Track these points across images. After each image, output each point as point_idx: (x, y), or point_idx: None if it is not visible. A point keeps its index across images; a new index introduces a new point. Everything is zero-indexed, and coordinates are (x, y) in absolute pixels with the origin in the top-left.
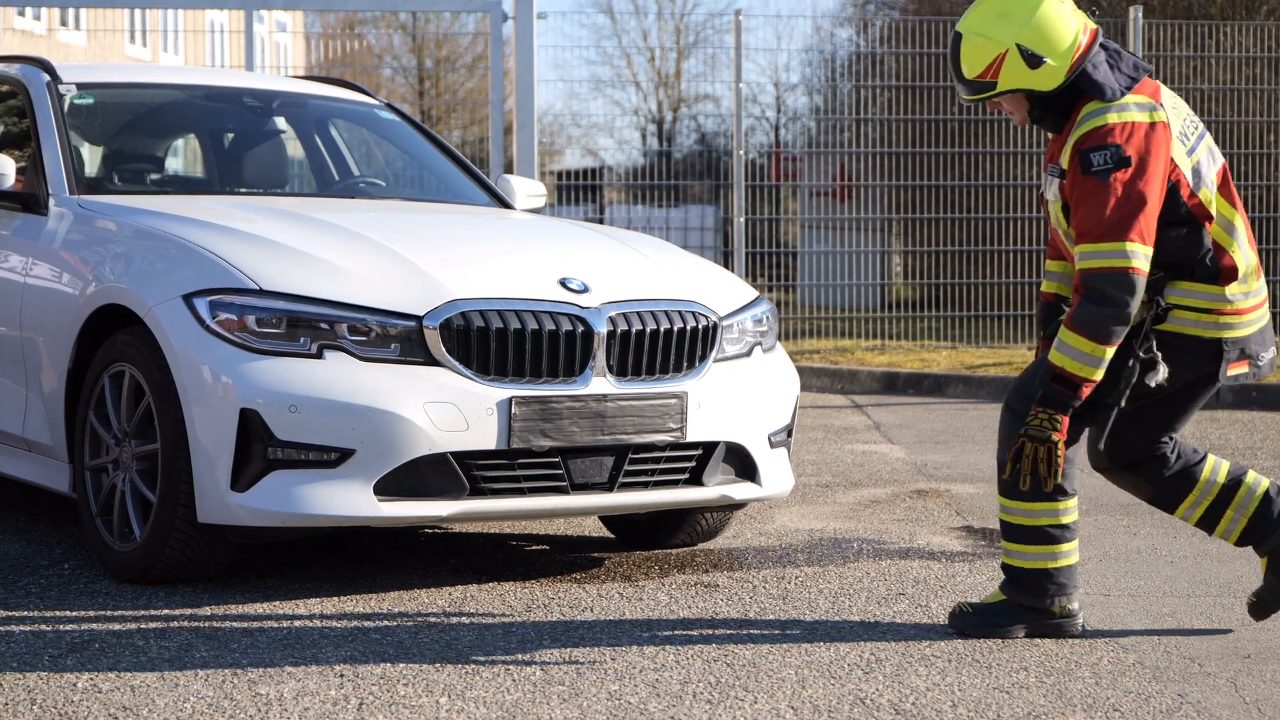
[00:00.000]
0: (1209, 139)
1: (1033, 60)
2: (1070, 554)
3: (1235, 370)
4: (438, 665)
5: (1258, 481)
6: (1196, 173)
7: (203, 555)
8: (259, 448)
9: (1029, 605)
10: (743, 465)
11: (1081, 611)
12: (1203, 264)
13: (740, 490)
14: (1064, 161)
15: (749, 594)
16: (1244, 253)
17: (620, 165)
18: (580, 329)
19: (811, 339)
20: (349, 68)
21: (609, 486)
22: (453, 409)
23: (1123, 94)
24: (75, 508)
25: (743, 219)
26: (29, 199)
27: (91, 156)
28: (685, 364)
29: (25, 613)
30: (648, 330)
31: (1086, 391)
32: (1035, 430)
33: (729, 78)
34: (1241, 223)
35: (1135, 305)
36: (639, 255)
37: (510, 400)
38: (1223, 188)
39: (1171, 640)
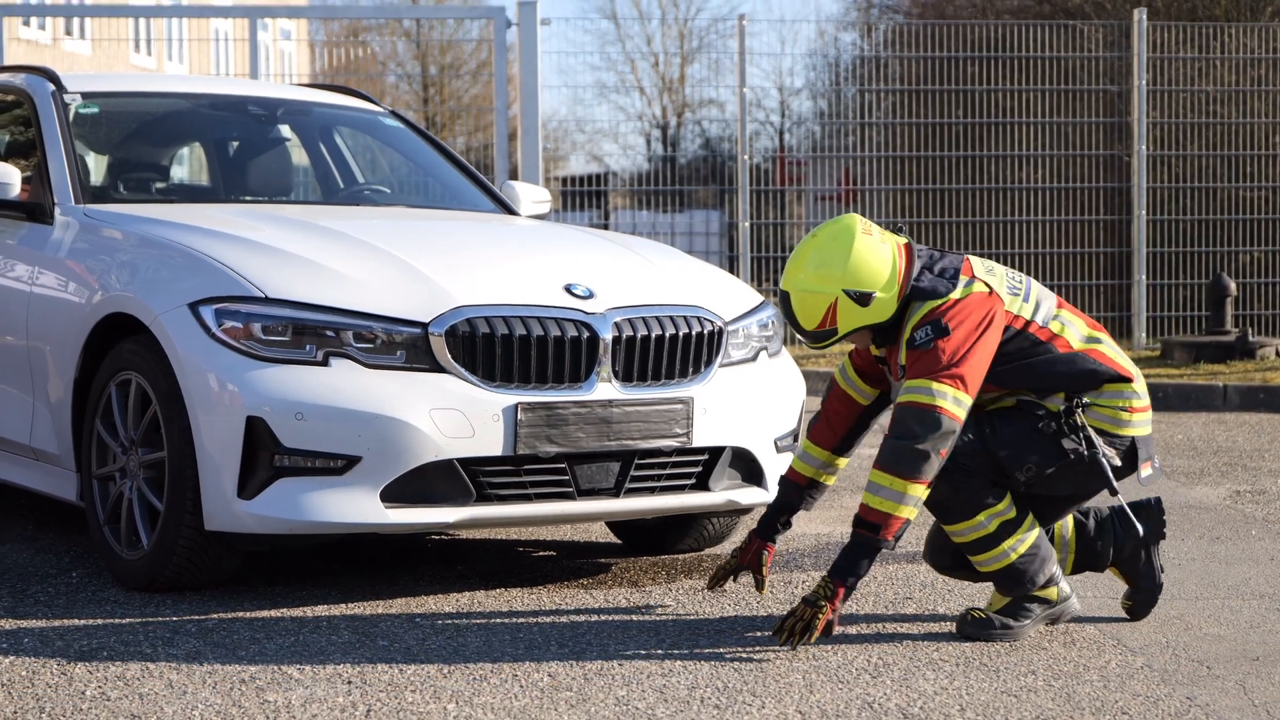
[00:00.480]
0: (1035, 282)
1: (863, 299)
2: (1027, 536)
3: (1146, 471)
4: (445, 671)
5: (1064, 524)
6: (1037, 309)
7: (210, 563)
8: (265, 455)
9: (1027, 594)
10: (749, 470)
11: (1074, 594)
12: (1096, 374)
13: (747, 495)
14: (903, 359)
15: (756, 599)
16: (1123, 356)
17: (625, 171)
18: (586, 335)
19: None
20: (353, 75)
21: (615, 492)
22: (459, 415)
23: (947, 290)
24: (83, 516)
25: (748, 224)
26: (34, 208)
27: (97, 165)
28: (691, 369)
29: (33, 621)
30: (653, 336)
31: (890, 535)
32: (812, 596)
33: (733, 82)
34: (1104, 334)
35: (937, 444)
36: (644, 261)
37: (516, 406)
38: (1059, 309)
39: (1179, 643)
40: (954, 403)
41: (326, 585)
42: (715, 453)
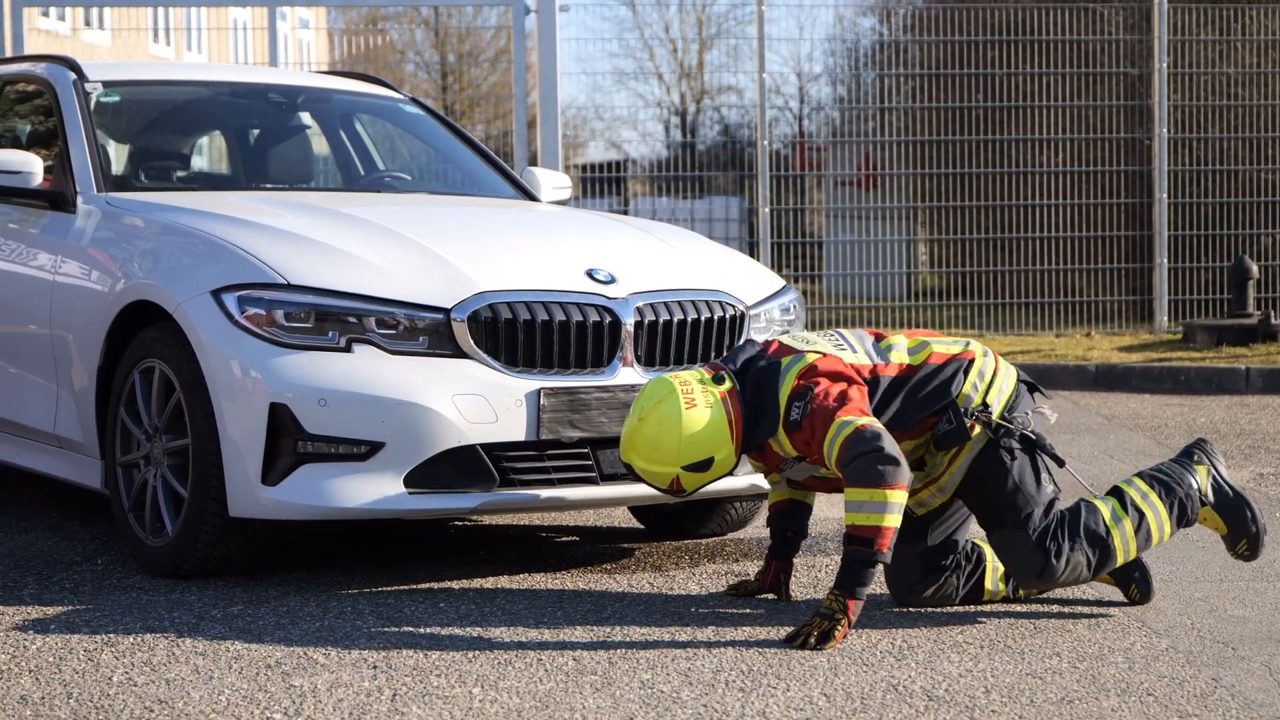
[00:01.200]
0: (844, 330)
1: (703, 466)
2: (1119, 525)
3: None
4: (470, 656)
5: None
6: (870, 354)
7: (234, 549)
8: (289, 442)
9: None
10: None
11: None
12: (957, 374)
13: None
14: (789, 449)
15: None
16: (954, 343)
17: (644, 158)
18: (608, 320)
19: (838, 328)
20: (371, 64)
21: (638, 477)
22: (481, 401)
23: (780, 382)
24: (107, 504)
25: (767, 209)
26: (57, 197)
27: (118, 154)
28: (713, 353)
29: (60, 608)
30: (675, 320)
31: (884, 545)
32: (825, 610)
33: (752, 68)
34: (927, 334)
35: (888, 448)
36: (665, 246)
37: (539, 392)
38: (879, 342)
39: (1205, 625)
40: (866, 419)
41: (351, 571)
42: None
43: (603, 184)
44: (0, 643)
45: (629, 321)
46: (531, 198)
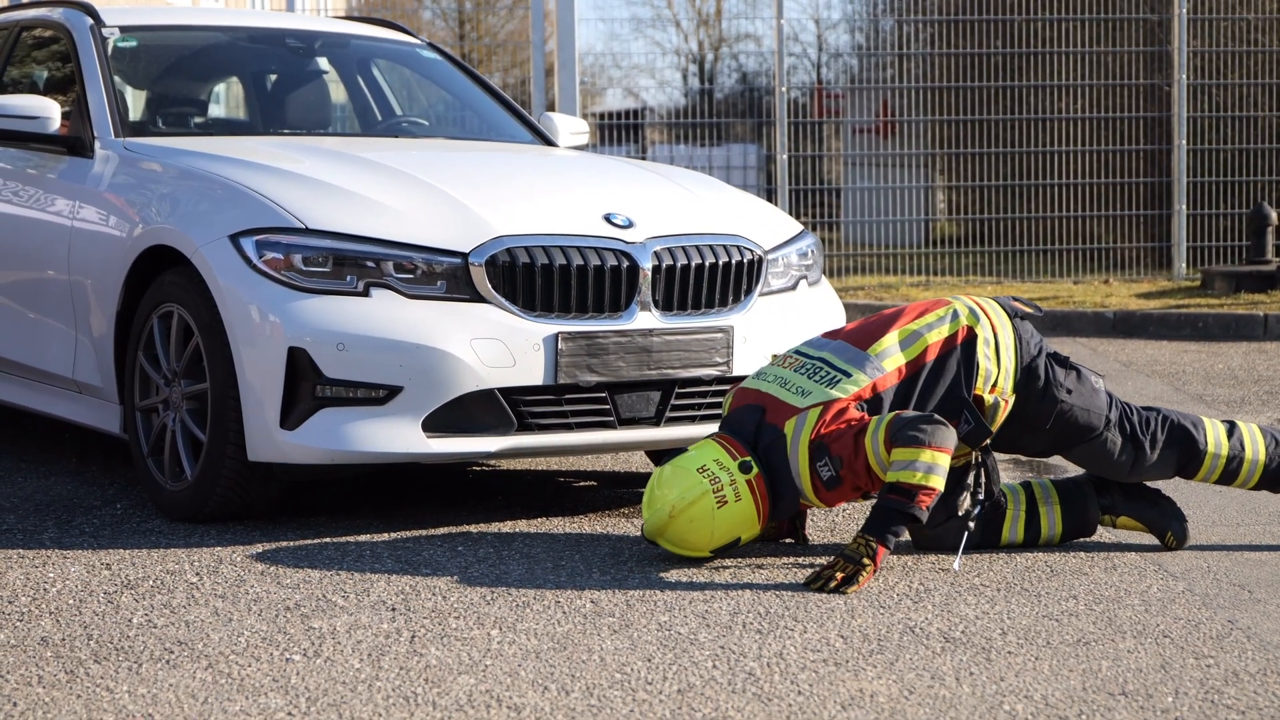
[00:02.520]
0: (828, 355)
1: (731, 545)
2: (1216, 435)
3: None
4: (488, 598)
5: (1043, 483)
6: (864, 372)
7: (253, 493)
8: (307, 386)
9: None
10: None
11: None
12: (961, 369)
13: None
14: (820, 504)
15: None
16: (938, 316)
17: (662, 105)
18: (626, 264)
19: (856, 275)
20: (389, 10)
21: (656, 421)
22: (499, 345)
23: (787, 448)
24: (126, 448)
25: (785, 156)
26: (74, 142)
27: (135, 99)
28: (731, 298)
29: (80, 552)
30: (693, 265)
31: (924, 504)
32: (853, 552)
33: (770, 15)
34: (906, 319)
35: (928, 415)
36: (683, 190)
37: (557, 336)
38: (869, 347)
39: (1221, 568)
40: (890, 414)
41: (369, 515)
42: None
43: (620, 132)
44: (21, 585)
45: (647, 265)
46: (549, 143)
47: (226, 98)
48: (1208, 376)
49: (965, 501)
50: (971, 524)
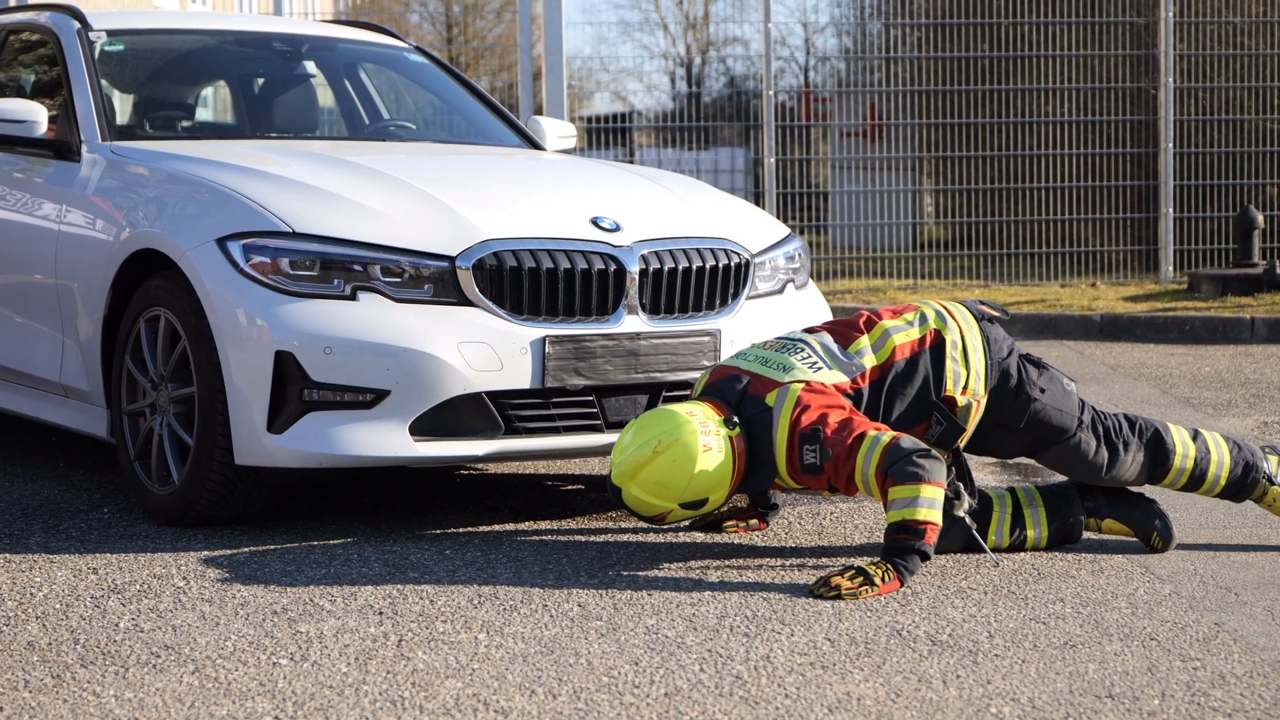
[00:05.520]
0: (806, 336)
1: (697, 505)
2: (1185, 445)
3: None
4: (476, 602)
5: (1027, 488)
6: (844, 366)
7: (240, 497)
8: (295, 389)
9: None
10: None
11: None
12: (929, 371)
13: None
14: (793, 484)
15: (784, 530)
16: (906, 321)
17: (649, 109)
18: (613, 268)
19: (843, 279)
20: (376, 14)
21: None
22: (487, 349)
23: (772, 420)
24: (113, 452)
25: (773, 160)
26: (61, 146)
27: (123, 103)
28: (718, 301)
29: (66, 556)
30: (680, 268)
31: (931, 536)
32: (866, 569)
33: (757, 19)
34: (879, 318)
35: (919, 445)
36: (670, 194)
37: (544, 339)
38: (846, 347)
39: (1207, 570)
40: (888, 433)
41: (356, 519)
42: None
43: (608, 135)
44: (8, 589)
45: (634, 269)
46: (537, 146)
47: (214, 101)
48: (1195, 379)
49: (960, 505)
50: (971, 521)
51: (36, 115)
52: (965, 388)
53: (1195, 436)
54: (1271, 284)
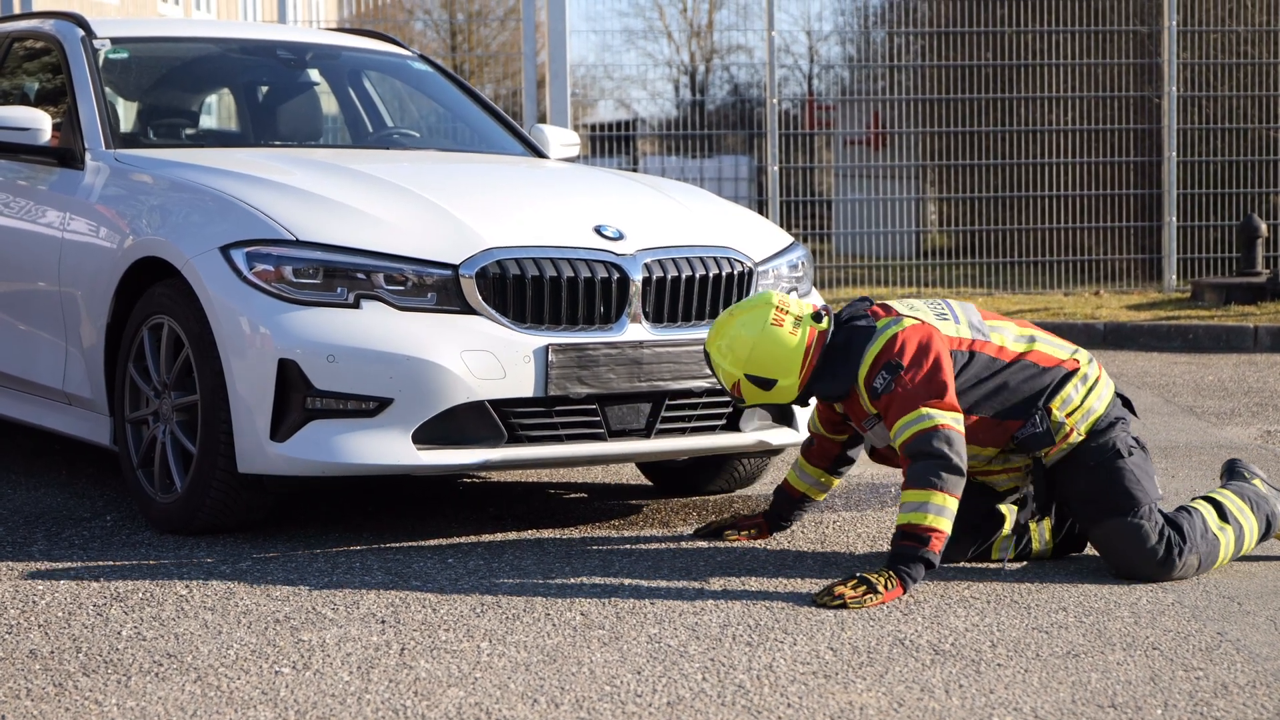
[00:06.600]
0: (954, 301)
1: (764, 384)
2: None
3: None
4: (478, 611)
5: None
6: (974, 328)
7: (243, 505)
8: (298, 398)
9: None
10: (780, 410)
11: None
12: (1054, 374)
13: (778, 435)
14: (869, 407)
15: (787, 539)
16: (1061, 347)
17: (654, 117)
18: (616, 276)
19: (847, 287)
20: (380, 22)
21: (646, 433)
22: (490, 357)
23: (867, 338)
24: (116, 460)
25: (776, 168)
26: (65, 154)
27: (127, 111)
28: (721, 310)
29: (69, 564)
30: (683, 277)
31: (935, 546)
32: (873, 579)
33: (761, 27)
34: (1036, 330)
35: (957, 456)
36: (674, 202)
37: (547, 348)
38: (989, 320)
39: (1210, 580)
40: (949, 418)
41: (359, 527)
42: None
43: (612, 143)
44: (10, 597)
45: (637, 277)
46: (540, 155)
47: (218, 109)
48: (1198, 388)
49: (1025, 513)
50: (1012, 535)
51: (40, 123)
52: (1071, 414)
53: (1225, 516)
54: (1275, 293)
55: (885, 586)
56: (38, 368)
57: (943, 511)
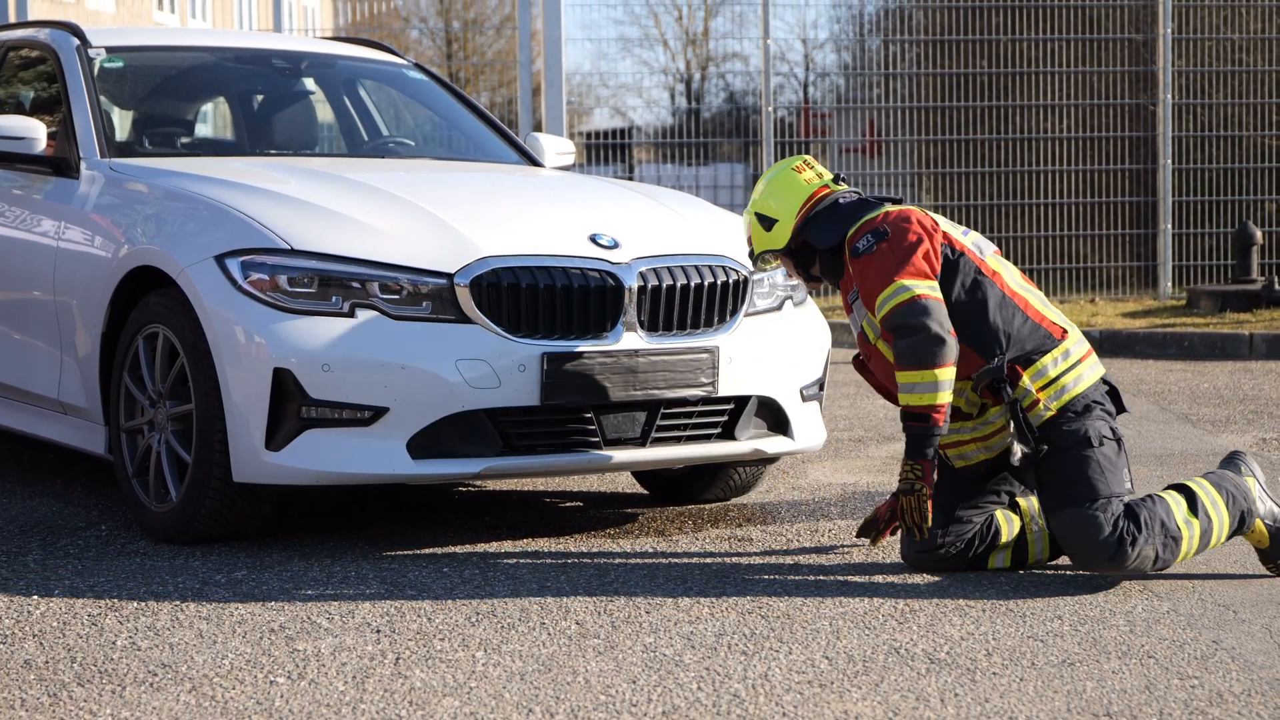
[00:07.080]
0: (973, 232)
1: (766, 224)
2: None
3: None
4: (473, 620)
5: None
6: (977, 245)
7: (238, 514)
8: (293, 407)
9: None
10: (775, 419)
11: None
12: (1035, 335)
13: (773, 444)
14: (850, 270)
15: (782, 547)
16: (1053, 311)
17: (649, 125)
18: (611, 285)
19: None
20: (376, 30)
21: (642, 442)
22: (485, 366)
23: (876, 207)
24: (111, 470)
25: None
26: (60, 163)
27: (122, 120)
28: (716, 318)
29: (64, 573)
30: (678, 285)
31: (940, 419)
32: (904, 484)
33: (757, 35)
34: (1035, 289)
35: (938, 325)
36: (669, 211)
37: (542, 356)
38: (1002, 259)
39: (1206, 588)
40: (927, 287)
41: (354, 536)
42: (741, 402)
43: (607, 151)
44: (5, 607)
45: (632, 286)
46: (535, 163)
47: (213, 118)
48: (1193, 395)
49: (1016, 452)
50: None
51: (35, 132)
52: (1044, 387)
53: (1195, 508)
54: (1270, 300)
55: (916, 477)
56: (33, 377)
57: (937, 386)
